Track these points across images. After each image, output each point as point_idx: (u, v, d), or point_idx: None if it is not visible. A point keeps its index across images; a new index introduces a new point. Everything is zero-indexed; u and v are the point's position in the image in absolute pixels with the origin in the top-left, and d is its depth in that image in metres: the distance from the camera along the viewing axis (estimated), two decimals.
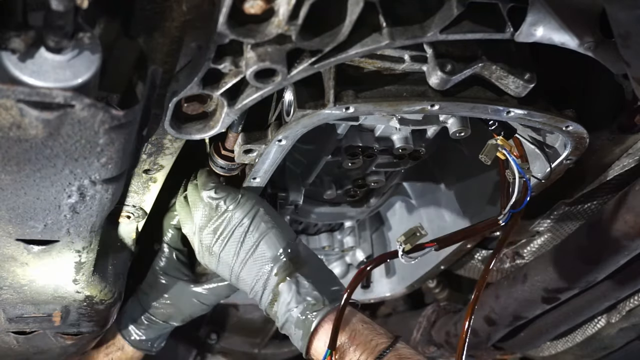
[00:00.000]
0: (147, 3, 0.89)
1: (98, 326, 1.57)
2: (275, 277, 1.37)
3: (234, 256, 1.41)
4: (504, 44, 1.10)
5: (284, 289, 1.35)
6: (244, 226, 1.40)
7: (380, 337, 1.28)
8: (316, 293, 1.34)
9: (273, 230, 1.40)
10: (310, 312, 1.32)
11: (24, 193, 0.95)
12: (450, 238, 1.35)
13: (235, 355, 2.44)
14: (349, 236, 2.07)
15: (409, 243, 1.26)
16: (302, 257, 1.40)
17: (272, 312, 1.39)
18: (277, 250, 1.38)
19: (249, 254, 1.40)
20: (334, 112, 1.14)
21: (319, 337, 1.31)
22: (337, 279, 1.44)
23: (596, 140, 1.36)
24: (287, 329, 1.37)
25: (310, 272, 1.38)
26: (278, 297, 1.36)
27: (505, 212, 1.31)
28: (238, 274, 1.42)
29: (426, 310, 2.24)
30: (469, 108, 1.19)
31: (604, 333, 1.91)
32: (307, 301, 1.33)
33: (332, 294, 1.35)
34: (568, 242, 1.61)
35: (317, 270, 1.41)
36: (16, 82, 0.76)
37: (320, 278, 1.39)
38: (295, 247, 1.41)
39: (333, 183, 1.78)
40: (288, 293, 1.34)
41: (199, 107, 1.12)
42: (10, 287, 1.31)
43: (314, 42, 0.95)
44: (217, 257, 1.43)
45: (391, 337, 1.28)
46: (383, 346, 1.25)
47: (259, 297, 1.41)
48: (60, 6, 0.72)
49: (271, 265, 1.38)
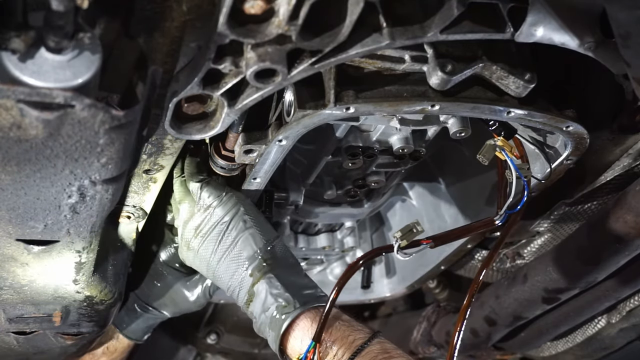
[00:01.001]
0: (147, 3, 0.89)
1: (98, 326, 1.57)
2: (251, 278, 1.37)
3: (211, 253, 1.41)
4: (504, 44, 1.10)
5: (259, 290, 1.36)
6: (224, 224, 1.41)
7: (357, 332, 1.28)
8: (287, 295, 1.34)
9: (251, 229, 1.41)
10: (281, 314, 1.32)
11: (24, 193, 0.95)
12: (446, 236, 1.36)
13: (235, 355, 2.44)
14: (349, 236, 2.07)
15: (406, 239, 1.26)
16: (278, 258, 1.41)
17: (248, 312, 1.40)
18: (253, 250, 1.39)
19: (227, 252, 1.40)
20: (335, 113, 1.14)
21: (294, 336, 1.31)
22: (311, 282, 1.43)
23: (596, 140, 1.36)
24: (262, 331, 1.37)
25: (284, 273, 1.38)
26: (254, 297, 1.37)
27: (501, 213, 1.31)
28: (215, 272, 1.42)
29: (426, 310, 2.24)
30: (470, 108, 1.19)
31: (604, 333, 1.91)
32: (278, 302, 1.33)
33: (303, 297, 1.35)
34: (568, 242, 1.61)
35: (291, 272, 1.41)
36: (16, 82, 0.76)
37: (293, 280, 1.39)
38: (273, 247, 1.41)
39: (333, 183, 1.78)
40: (262, 294, 1.35)
41: (199, 107, 1.12)
42: (10, 287, 1.31)
43: (314, 42, 0.95)
44: (195, 252, 1.43)
45: (369, 333, 1.28)
46: (360, 341, 1.25)
47: (235, 295, 1.41)
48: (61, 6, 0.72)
49: (247, 264, 1.38)
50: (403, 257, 1.28)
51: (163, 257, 1.66)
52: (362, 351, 1.24)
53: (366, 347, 1.24)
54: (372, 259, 1.37)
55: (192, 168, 1.45)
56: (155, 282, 1.67)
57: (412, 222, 1.27)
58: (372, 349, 1.24)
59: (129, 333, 1.75)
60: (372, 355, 1.23)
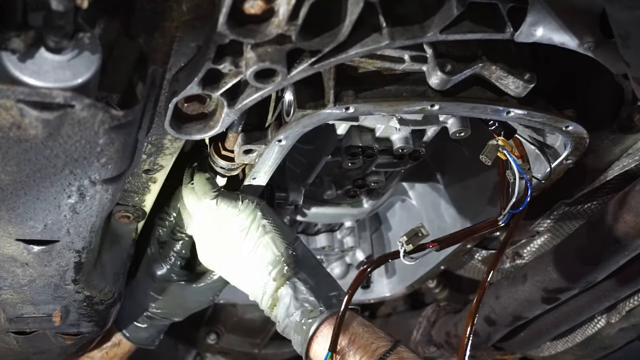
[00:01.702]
0: (147, 3, 0.89)
1: (98, 326, 1.57)
2: (274, 282, 1.37)
3: (234, 260, 1.41)
4: (504, 44, 1.10)
5: (283, 294, 1.36)
6: (245, 230, 1.40)
7: (380, 340, 1.28)
8: (313, 299, 1.34)
9: (271, 234, 1.40)
10: (307, 318, 1.32)
11: (24, 193, 0.95)
12: (451, 238, 1.36)
13: (235, 355, 2.44)
14: (349, 236, 2.07)
15: (411, 243, 1.26)
16: (300, 260, 1.40)
17: (272, 316, 1.40)
18: (274, 255, 1.38)
19: (248, 258, 1.40)
20: (334, 112, 1.14)
21: (318, 342, 1.31)
22: (335, 282, 1.44)
23: (596, 140, 1.36)
24: (287, 333, 1.38)
25: (308, 276, 1.38)
26: (277, 301, 1.37)
27: (504, 213, 1.31)
28: (239, 278, 1.43)
29: (426, 310, 2.24)
30: (469, 108, 1.19)
31: (604, 333, 1.91)
32: (304, 307, 1.33)
33: (329, 299, 1.35)
34: (568, 242, 1.61)
35: (315, 274, 1.41)
36: (16, 82, 0.76)
37: (318, 282, 1.39)
38: (293, 250, 1.41)
39: (333, 183, 1.78)
40: (286, 298, 1.35)
41: (199, 107, 1.12)
42: (10, 287, 1.31)
43: (314, 42, 0.95)
44: (218, 262, 1.44)
45: (391, 341, 1.28)
46: (383, 349, 1.25)
47: (259, 300, 1.41)
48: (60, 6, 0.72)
49: (270, 269, 1.38)
50: (409, 261, 1.27)
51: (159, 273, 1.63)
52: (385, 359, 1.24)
53: (388, 357, 1.24)
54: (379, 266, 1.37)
55: (202, 185, 1.43)
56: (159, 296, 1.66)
57: (417, 225, 1.27)
58: (394, 358, 1.24)
59: (140, 341, 1.74)
60: None
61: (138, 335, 1.73)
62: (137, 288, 1.68)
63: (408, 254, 1.26)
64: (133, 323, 1.72)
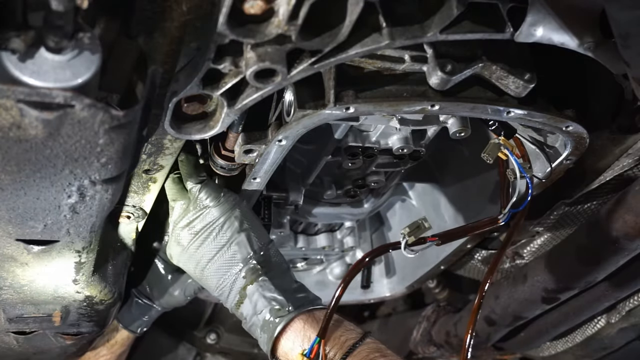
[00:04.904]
0: (147, 3, 0.89)
1: (98, 326, 1.57)
2: (244, 280, 1.37)
3: (203, 252, 1.41)
4: (504, 44, 1.10)
5: (251, 292, 1.36)
6: (219, 225, 1.40)
7: (349, 332, 1.30)
8: (282, 298, 1.34)
9: (246, 232, 1.41)
10: (274, 317, 1.33)
11: (24, 193, 0.95)
12: (452, 234, 1.36)
13: (235, 355, 2.44)
14: (349, 236, 2.07)
15: (413, 235, 1.26)
16: (272, 262, 1.41)
17: (238, 313, 1.40)
18: (247, 253, 1.39)
19: (219, 252, 1.40)
20: (334, 113, 1.14)
21: (287, 337, 1.32)
22: (303, 287, 1.44)
23: (596, 140, 1.36)
24: (253, 332, 1.38)
25: (278, 277, 1.39)
26: (244, 299, 1.37)
27: (505, 212, 1.31)
28: (204, 271, 1.42)
29: (426, 310, 2.24)
30: (469, 108, 1.19)
31: (604, 333, 1.91)
32: (272, 305, 1.34)
33: (297, 300, 1.36)
34: (568, 242, 1.61)
35: (285, 276, 1.42)
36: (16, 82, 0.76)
37: (287, 284, 1.40)
38: (267, 251, 1.42)
39: (333, 183, 1.78)
40: (254, 296, 1.35)
41: (199, 107, 1.12)
42: (10, 287, 1.31)
43: (314, 42, 0.95)
44: (184, 249, 1.43)
45: (360, 333, 1.30)
46: (352, 341, 1.27)
47: (225, 296, 1.41)
48: (60, 6, 0.72)
49: (240, 266, 1.38)
50: (410, 254, 1.28)
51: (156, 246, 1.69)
52: (354, 351, 1.26)
53: (358, 347, 1.26)
54: (379, 255, 1.39)
55: (190, 168, 1.44)
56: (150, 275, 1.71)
57: (420, 218, 1.27)
58: (364, 349, 1.26)
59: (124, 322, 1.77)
60: (364, 354, 1.25)
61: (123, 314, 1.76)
62: None
63: (409, 246, 1.27)
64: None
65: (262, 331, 1.34)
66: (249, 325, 1.38)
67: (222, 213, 1.41)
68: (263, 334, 1.34)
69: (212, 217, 1.41)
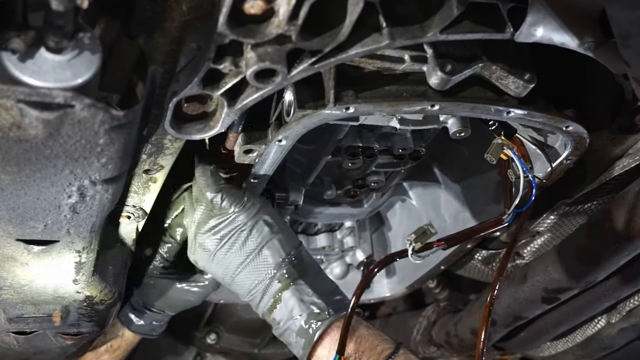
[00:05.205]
0: (147, 3, 0.89)
1: (98, 326, 1.57)
2: (278, 284, 1.36)
3: (232, 258, 1.40)
4: (504, 44, 1.10)
5: (287, 297, 1.35)
6: (247, 229, 1.39)
7: (385, 342, 1.29)
8: (320, 302, 1.33)
9: (277, 235, 1.39)
10: (314, 321, 1.31)
11: (24, 193, 0.95)
12: (457, 237, 1.36)
13: (235, 355, 2.44)
14: (349, 236, 2.07)
15: (420, 241, 1.26)
16: (305, 264, 1.40)
17: (270, 318, 1.39)
18: (280, 257, 1.37)
19: (250, 258, 1.39)
20: (334, 113, 1.14)
21: (323, 345, 1.31)
22: (338, 288, 1.43)
23: (596, 140, 1.36)
24: (286, 337, 1.36)
25: (313, 280, 1.38)
26: (278, 303, 1.36)
27: (509, 212, 1.31)
28: (234, 276, 1.41)
29: (426, 310, 2.24)
30: (469, 108, 1.19)
31: (604, 333, 1.91)
32: (311, 310, 1.33)
33: (335, 304, 1.35)
34: (568, 242, 1.61)
35: (320, 278, 1.41)
36: (16, 82, 0.76)
37: (323, 286, 1.39)
38: (299, 254, 1.40)
39: (333, 183, 1.78)
40: (291, 301, 1.34)
41: (199, 107, 1.12)
42: (10, 287, 1.31)
43: (314, 42, 0.95)
44: (212, 255, 1.41)
45: (394, 343, 1.30)
46: (388, 352, 1.27)
47: (256, 301, 1.40)
48: (60, 6, 0.72)
49: (274, 271, 1.37)
50: (417, 260, 1.28)
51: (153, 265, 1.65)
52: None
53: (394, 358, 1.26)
54: (387, 265, 1.38)
55: (206, 178, 1.41)
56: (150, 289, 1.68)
57: (425, 224, 1.27)
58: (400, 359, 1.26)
59: (138, 329, 1.76)
60: None
61: (138, 324, 1.74)
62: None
63: (416, 253, 1.27)
64: (132, 313, 1.73)
65: (299, 336, 1.32)
66: (283, 330, 1.36)
67: (249, 217, 1.39)
68: (300, 339, 1.33)
69: (239, 221, 1.39)
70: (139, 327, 1.75)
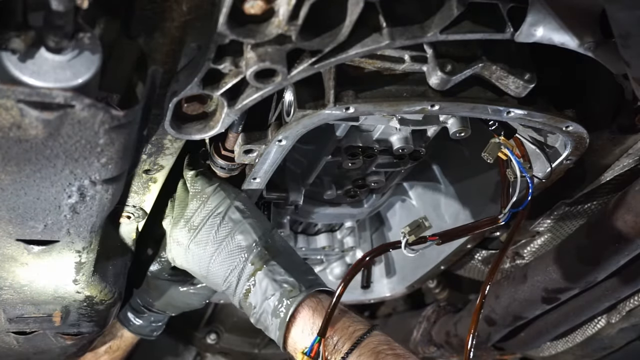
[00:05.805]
0: (147, 3, 0.89)
1: (98, 326, 1.57)
2: (252, 266, 1.35)
3: (205, 247, 1.39)
4: (504, 44, 1.10)
5: (260, 278, 1.34)
6: (218, 216, 1.39)
7: (357, 324, 1.29)
8: (292, 279, 1.33)
9: (249, 220, 1.39)
10: (286, 299, 1.30)
11: (24, 193, 0.95)
12: (452, 233, 1.36)
13: (235, 355, 2.44)
14: (349, 236, 2.07)
15: (414, 234, 1.26)
16: (278, 246, 1.39)
17: (246, 304, 1.37)
18: (253, 240, 1.37)
19: (224, 244, 1.38)
20: (334, 113, 1.14)
21: (296, 324, 1.30)
22: (312, 269, 1.43)
23: (596, 140, 1.36)
24: (263, 321, 1.35)
25: (286, 260, 1.37)
26: (253, 286, 1.35)
27: (505, 211, 1.31)
28: (209, 266, 1.40)
29: (426, 310, 2.24)
30: (469, 108, 1.19)
31: (604, 333, 1.91)
32: (283, 288, 1.32)
33: (308, 282, 1.34)
34: (568, 242, 1.61)
35: (293, 259, 1.40)
36: (16, 82, 0.76)
37: (296, 266, 1.38)
38: (272, 236, 1.40)
39: (333, 183, 1.78)
40: (264, 282, 1.33)
41: (199, 107, 1.12)
42: (10, 287, 1.31)
43: (314, 42, 0.95)
44: (186, 248, 1.41)
45: (368, 325, 1.29)
46: (360, 332, 1.26)
47: (232, 288, 1.38)
48: (60, 6, 0.72)
49: (246, 254, 1.36)
50: (410, 253, 1.28)
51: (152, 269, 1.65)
52: (362, 342, 1.25)
53: (366, 338, 1.25)
54: (380, 254, 1.38)
55: (190, 160, 1.45)
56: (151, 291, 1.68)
57: (420, 217, 1.27)
58: (372, 340, 1.25)
59: (137, 330, 1.76)
60: (372, 345, 1.24)
61: (137, 325, 1.75)
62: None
63: (409, 245, 1.27)
64: (133, 314, 1.74)
65: (274, 316, 1.32)
66: (259, 315, 1.34)
67: (220, 202, 1.39)
68: (274, 319, 1.31)
69: (209, 208, 1.39)
70: (138, 328, 1.76)
